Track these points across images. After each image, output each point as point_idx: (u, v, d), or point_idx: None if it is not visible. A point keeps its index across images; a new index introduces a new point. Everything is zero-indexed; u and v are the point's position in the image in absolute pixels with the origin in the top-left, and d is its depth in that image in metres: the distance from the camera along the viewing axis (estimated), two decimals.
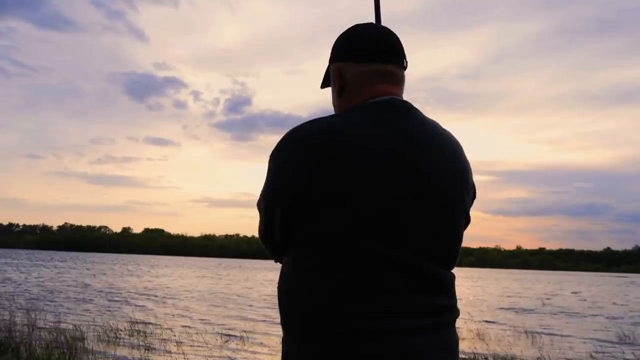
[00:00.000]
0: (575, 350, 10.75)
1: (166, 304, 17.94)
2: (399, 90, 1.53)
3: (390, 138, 1.37)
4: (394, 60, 1.52)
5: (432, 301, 1.35)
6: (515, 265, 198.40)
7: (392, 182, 1.33)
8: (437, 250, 1.40)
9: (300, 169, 1.34)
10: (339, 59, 1.56)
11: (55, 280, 28.07)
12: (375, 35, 1.53)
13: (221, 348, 9.59)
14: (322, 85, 1.71)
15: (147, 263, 75.87)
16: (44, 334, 8.74)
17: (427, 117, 1.49)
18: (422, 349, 1.29)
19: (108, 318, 12.55)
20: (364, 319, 1.26)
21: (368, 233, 1.30)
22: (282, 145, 1.40)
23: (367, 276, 1.29)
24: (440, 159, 1.42)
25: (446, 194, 1.41)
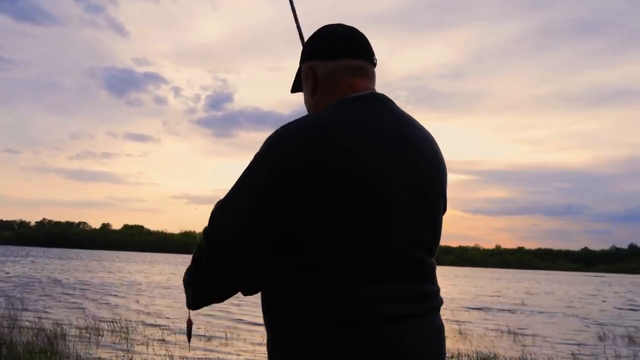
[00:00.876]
0: (557, 349, 10.84)
1: (147, 300, 17.81)
2: (373, 85, 1.55)
3: (379, 130, 1.39)
4: (362, 55, 1.54)
5: (422, 288, 1.39)
6: (494, 264, 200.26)
7: (384, 172, 1.35)
8: (423, 238, 1.43)
9: (295, 158, 1.31)
10: (309, 58, 1.57)
11: (35, 276, 27.74)
12: (342, 32, 1.56)
13: (205, 344, 9.53)
14: (292, 90, 1.72)
15: (126, 259, 75.32)
16: (25, 331, 8.63)
17: (405, 111, 1.52)
18: (419, 335, 1.33)
19: (89, 314, 12.42)
20: (363, 307, 1.27)
21: (362, 222, 1.31)
22: (275, 137, 1.36)
23: (363, 264, 1.30)
24: (424, 151, 1.47)
25: (431, 184, 1.47)
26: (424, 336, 1.35)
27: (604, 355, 10.01)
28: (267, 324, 1.38)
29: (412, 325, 1.33)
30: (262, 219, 1.30)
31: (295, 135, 1.34)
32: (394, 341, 1.28)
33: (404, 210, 1.38)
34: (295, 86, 1.72)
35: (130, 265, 52.68)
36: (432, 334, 1.39)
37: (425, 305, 1.38)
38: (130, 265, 52.68)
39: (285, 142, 1.34)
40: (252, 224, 1.30)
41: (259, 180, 1.32)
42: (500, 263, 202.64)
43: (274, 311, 1.35)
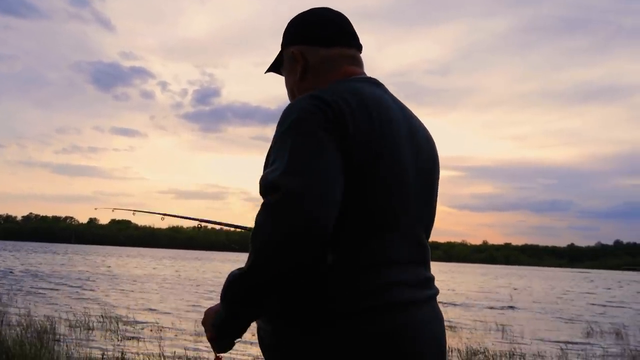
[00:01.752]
0: (546, 345, 10.93)
1: (137, 294, 17.73)
2: (364, 72, 1.54)
3: (388, 109, 1.39)
4: (354, 44, 1.55)
5: (425, 274, 1.41)
6: (481, 260, 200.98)
7: (401, 151, 1.36)
8: (430, 222, 1.47)
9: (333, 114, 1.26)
10: (299, 42, 1.54)
11: (23, 270, 27.52)
12: (334, 19, 1.55)
13: (195, 339, 9.51)
14: (267, 70, 1.68)
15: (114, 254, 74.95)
16: (14, 323, 8.58)
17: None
18: (429, 320, 1.36)
19: (78, 309, 12.34)
20: (383, 292, 1.27)
21: (386, 199, 1.31)
22: (303, 101, 1.30)
23: (381, 247, 1.30)
24: (424, 136, 1.49)
25: (432, 169, 1.49)
26: (433, 321, 1.38)
27: (592, 351, 10.10)
28: (274, 314, 1.31)
29: (423, 310, 1.35)
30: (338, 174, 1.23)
31: (322, 97, 1.30)
32: (411, 325, 1.30)
33: (414, 193, 1.39)
34: (272, 67, 1.66)
35: (118, 260, 52.40)
36: (439, 319, 1.42)
37: (428, 291, 1.40)
38: (118, 260, 52.40)
39: (318, 101, 1.29)
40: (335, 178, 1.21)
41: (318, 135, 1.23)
42: (487, 259, 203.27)
43: (288, 299, 1.28)
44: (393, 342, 1.25)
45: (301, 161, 1.19)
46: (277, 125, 1.31)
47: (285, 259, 1.16)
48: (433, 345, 1.35)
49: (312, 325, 1.26)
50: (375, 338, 1.24)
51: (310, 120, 1.24)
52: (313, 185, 1.16)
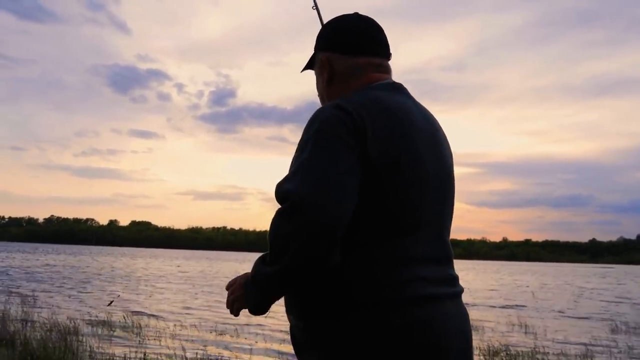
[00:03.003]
0: (569, 342, 10.81)
1: (159, 294, 17.86)
2: (390, 78, 1.60)
3: (411, 113, 1.47)
4: (382, 53, 1.60)
5: (450, 271, 1.48)
6: (501, 257, 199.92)
7: (424, 154, 1.43)
8: (449, 223, 1.53)
9: (355, 125, 1.34)
10: (327, 49, 1.61)
11: (46, 272, 27.86)
12: (363, 27, 1.59)
13: (216, 339, 9.55)
14: (302, 69, 1.75)
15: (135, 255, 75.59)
16: (39, 326, 8.66)
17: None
18: (454, 316, 1.41)
19: (101, 309, 12.47)
20: (408, 286, 1.34)
21: (411, 200, 1.38)
22: (327, 110, 1.38)
23: (408, 244, 1.37)
24: (443, 138, 1.56)
25: (451, 172, 1.56)
26: (458, 317, 1.43)
27: (617, 348, 9.97)
28: (301, 305, 1.41)
29: (448, 306, 1.41)
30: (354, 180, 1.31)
31: (344, 107, 1.37)
32: (435, 320, 1.35)
33: (434, 195, 1.45)
34: (307, 67, 1.73)
35: (139, 261, 52.86)
36: (464, 316, 1.47)
37: (452, 289, 1.46)
38: (139, 261, 52.86)
39: (340, 112, 1.36)
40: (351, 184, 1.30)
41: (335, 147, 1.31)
42: (508, 256, 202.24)
43: (318, 289, 1.36)
44: (417, 335, 1.31)
45: (314, 172, 1.28)
46: (303, 132, 1.40)
47: (291, 259, 1.27)
48: (458, 341, 1.39)
49: (337, 316, 1.34)
50: (400, 330, 1.30)
51: (331, 132, 1.33)
52: (321, 195, 1.25)
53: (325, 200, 1.24)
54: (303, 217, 1.24)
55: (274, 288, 1.35)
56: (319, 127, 1.34)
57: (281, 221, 1.29)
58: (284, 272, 1.30)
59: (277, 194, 1.34)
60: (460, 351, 1.39)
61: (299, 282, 1.33)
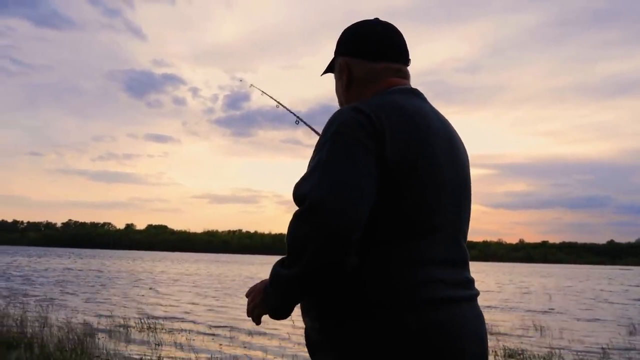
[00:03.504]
0: (586, 344, 10.71)
1: (175, 297, 17.93)
2: (409, 83, 1.62)
3: (429, 117, 1.48)
4: (401, 59, 1.61)
5: (465, 274, 1.48)
6: (518, 259, 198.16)
7: (441, 158, 1.44)
8: (465, 226, 1.54)
9: (373, 127, 1.36)
10: (346, 54, 1.63)
11: (63, 277, 28.10)
12: (383, 33, 1.60)
13: (231, 341, 9.58)
14: (322, 73, 1.78)
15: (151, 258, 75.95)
16: (55, 329, 8.76)
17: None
18: (470, 318, 1.41)
19: (117, 312, 12.56)
20: (424, 288, 1.35)
21: (428, 203, 1.39)
22: (346, 113, 1.40)
23: (425, 246, 1.38)
24: (460, 144, 1.57)
25: (467, 174, 1.57)
26: (474, 319, 1.43)
27: (635, 351, 9.86)
28: (317, 306, 1.41)
29: (464, 308, 1.42)
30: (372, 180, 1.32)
31: (363, 110, 1.38)
32: (449, 323, 1.35)
33: (453, 198, 1.47)
34: (326, 71, 1.76)
35: (155, 264, 53.12)
36: (480, 318, 1.47)
37: (468, 291, 1.47)
38: (155, 264, 53.12)
39: (358, 114, 1.38)
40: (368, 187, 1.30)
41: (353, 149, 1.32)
42: (524, 257, 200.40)
43: (334, 291, 1.37)
44: (434, 337, 1.32)
45: (331, 173, 1.28)
46: (321, 133, 1.41)
47: (308, 262, 1.27)
48: (474, 343, 1.40)
49: (353, 317, 1.34)
50: (416, 332, 1.31)
51: (348, 134, 1.33)
52: (338, 197, 1.25)
53: (342, 202, 1.24)
54: (320, 219, 1.24)
55: (293, 291, 1.35)
56: (337, 129, 1.35)
57: (298, 223, 1.29)
58: (301, 274, 1.30)
59: (295, 195, 1.35)
60: (476, 354, 1.39)
61: (317, 284, 1.33)
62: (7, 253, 75.89)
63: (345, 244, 1.25)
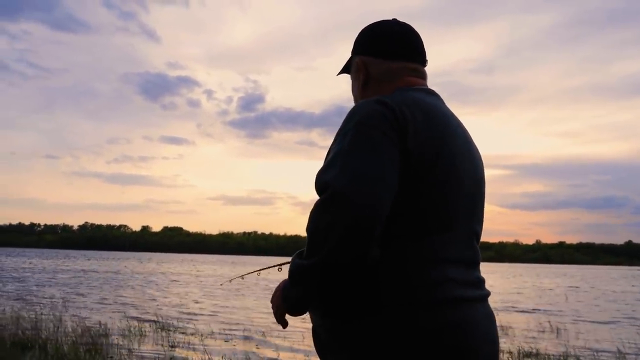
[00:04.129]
0: (603, 345, 10.60)
1: (189, 298, 18.01)
2: (426, 83, 1.62)
3: (446, 117, 1.48)
4: (418, 59, 1.61)
5: (477, 274, 1.47)
6: (534, 260, 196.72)
7: (459, 157, 1.44)
8: (479, 227, 1.53)
9: (396, 119, 1.35)
10: (363, 53, 1.63)
11: (79, 278, 28.32)
12: (401, 33, 1.60)
13: (245, 340, 9.59)
14: (339, 73, 1.78)
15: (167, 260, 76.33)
16: (70, 330, 8.81)
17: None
18: (482, 318, 1.41)
19: (131, 313, 12.64)
20: (438, 287, 1.33)
21: (444, 201, 1.38)
22: (368, 104, 1.39)
23: (439, 244, 1.37)
24: (474, 145, 1.57)
25: (482, 176, 1.56)
26: (485, 319, 1.42)
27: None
28: (328, 303, 1.38)
29: (477, 308, 1.41)
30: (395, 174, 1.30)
31: (387, 103, 1.37)
32: (463, 322, 1.34)
33: (467, 198, 1.47)
34: (342, 71, 1.76)
35: (171, 265, 53.37)
36: (491, 318, 1.46)
37: (479, 291, 1.46)
38: (171, 265, 53.37)
39: (382, 107, 1.36)
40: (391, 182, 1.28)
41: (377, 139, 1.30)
42: (541, 258, 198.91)
43: (346, 287, 1.34)
44: (448, 337, 1.30)
45: (354, 163, 1.26)
46: (342, 124, 1.39)
47: (329, 252, 1.24)
48: (486, 343, 1.39)
49: (365, 315, 1.32)
50: (431, 331, 1.29)
51: (372, 124, 1.32)
52: (362, 187, 1.23)
53: (365, 193, 1.22)
54: (342, 209, 1.21)
55: (311, 283, 1.32)
56: (360, 120, 1.33)
57: (320, 212, 1.27)
58: (321, 265, 1.27)
59: (317, 185, 1.32)
60: (488, 354, 1.39)
61: (337, 276, 1.29)
62: (24, 255, 76.69)
63: (367, 236, 1.22)
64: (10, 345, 7.29)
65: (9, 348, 7.08)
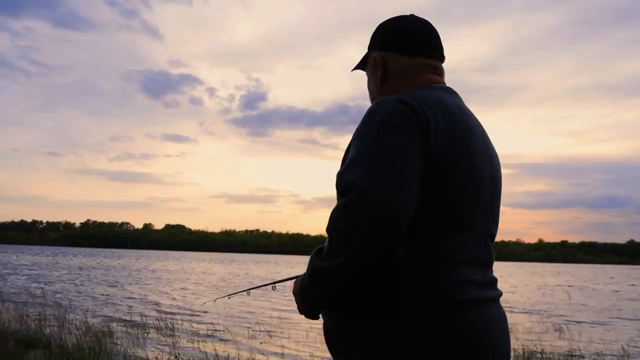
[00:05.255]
0: (607, 343, 10.59)
1: (193, 297, 18.01)
2: (444, 81, 1.59)
3: (467, 117, 1.46)
4: (436, 55, 1.59)
5: (491, 275, 1.47)
6: (537, 259, 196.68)
7: (478, 158, 1.42)
8: (494, 228, 1.52)
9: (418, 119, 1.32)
10: (382, 48, 1.59)
11: (82, 276, 28.36)
12: (420, 29, 1.58)
13: (249, 342, 9.59)
14: (353, 68, 1.74)
15: (170, 258, 76.40)
16: (74, 328, 8.82)
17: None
18: (497, 319, 1.40)
19: (135, 312, 12.64)
20: (456, 289, 1.32)
21: (462, 201, 1.37)
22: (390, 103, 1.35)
23: (457, 245, 1.35)
24: (491, 143, 1.55)
25: (499, 177, 1.55)
26: (500, 320, 1.42)
27: None
28: (343, 303, 1.35)
29: (491, 310, 1.40)
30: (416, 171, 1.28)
31: (408, 101, 1.35)
32: (480, 324, 1.34)
33: (486, 199, 1.45)
34: (358, 66, 1.72)
35: (174, 263, 53.43)
36: (504, 318, 1.46)
37: (493, 292, 1.45)
38: (174, 263, 53.43)
39: (403, 105, 1.33)
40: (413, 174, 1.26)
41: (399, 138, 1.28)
42: (544, 257, 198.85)
43: (358, 291, 1.32)
44: (466, 337, 1.29)
45: (378, 163, 1.23)
46: (361, 122, 1.35)
47: (356, 254, 1.22)
48: (501, 344, 1.39)
49: (382, 316, 1.30)
50: (446, 333, 1.28)
51: (394, 123, 1.29)
52: (387, 188, 1.20)
53: (391, 193, 1.19)
54: (368, 209, 1.18)
55: (333, 284, 1.29)
56: (382, 118, 1.30)
57: (344, 213, 1.22)
58: (346, 265, 1.24)
59: (339, 185, 1.28)
60: (502, 354, 1.38)
61: (360, 277, 1.27)
62: (27, 252, 76.81)
63: (393, 236, 1.20)
64: (14, 343, 7.29)
65: (13, 346, 7.07)
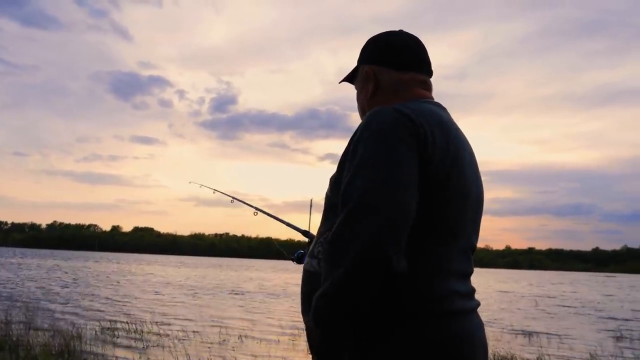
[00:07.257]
0: (575, 350, 10.76)
1: (162, 300, 17.82)
2: (432, 97, 1.62)
3: (457, 130, 1.49)
4: (426, 70, 1.62)
5: (471, 285, 1.49)
6: (504, 265, 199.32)
7: (467, 171, 1.44)
8: (476, 239, 1.55)
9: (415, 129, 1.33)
10: (373, 62, 1.62)
11: (49, 278, 27.87)
12: (410, 44, 1.62)
13: (220, 345, 9.51)
14: (341, 80, 1.75)
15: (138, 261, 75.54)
16: (41, 332, 8.65)
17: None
18: (477, 329, 1.42)
19: (104, 315, 12.45)
20: (444, 300, 1.34)
21: (452, 213, 1.38)
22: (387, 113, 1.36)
23: (445, 256, 1.37)
24: (474, 156, 1.57)
25: (482, 191, 1.57)
26: (479, 329, 1.44)
27: (621, 356, 9.91)
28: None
29: (473, 320, 1.43)
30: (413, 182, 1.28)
31: (404, 111, 1.36)
32: (463, 334, 1.36)
33: (472, 211, 1.48)
34: (346, 79, 1.74)
35: (143, 267, 52.81)
36: (482, 327, 1.48)
37: (474, 302, 1.48)
38: (143, 267, 52.81)
39: (400, 115, 1.35)
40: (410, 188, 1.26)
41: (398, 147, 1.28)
42: (511, 264, 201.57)
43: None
44: (449, 347, 1.31)
45: (379, 173, 1.24)
46: (358, 132, 1.35)
47: (363, 269, 1.19)
48: (480, 353, 1.41)
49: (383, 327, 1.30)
50: (434, 343, 1.29)
51: (392, 133, 1.30)
52: (388, 197, 1.21)
53: (391, 200, 1.20)
54: (370, 218, 1.19)
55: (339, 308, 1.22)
56: (380, 127, 1.31)
57: (347, 223, 1.21)
58: (346, 275, 1.19)
59: (341, 196, 1.27)
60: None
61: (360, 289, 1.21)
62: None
63: (395, 245, 1.19)
64: None
65: None
